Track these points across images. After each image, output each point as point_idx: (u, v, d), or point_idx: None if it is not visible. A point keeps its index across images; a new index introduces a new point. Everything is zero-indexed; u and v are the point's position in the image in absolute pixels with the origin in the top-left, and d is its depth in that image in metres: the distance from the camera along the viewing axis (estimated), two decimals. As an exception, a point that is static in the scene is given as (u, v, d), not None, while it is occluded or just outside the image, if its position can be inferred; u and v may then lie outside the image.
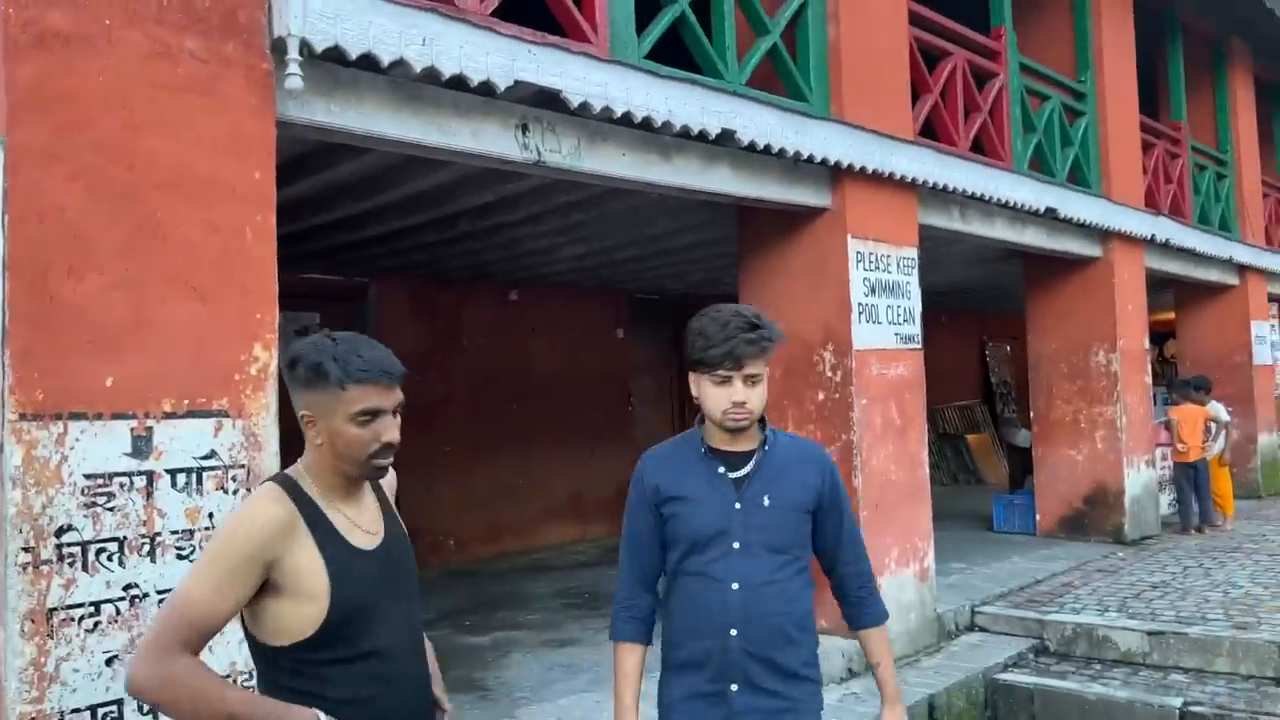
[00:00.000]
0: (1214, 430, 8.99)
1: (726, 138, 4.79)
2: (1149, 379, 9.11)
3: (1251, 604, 5.98)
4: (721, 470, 2.23)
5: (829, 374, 5.63)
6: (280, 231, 3.28)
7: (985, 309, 14.65)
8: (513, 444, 9.30)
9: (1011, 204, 6.91)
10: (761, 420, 2.27)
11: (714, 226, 6.69)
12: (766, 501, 2.21)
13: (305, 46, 3.19)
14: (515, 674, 5.18)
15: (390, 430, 1.84)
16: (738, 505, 2.20)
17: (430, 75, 3.61)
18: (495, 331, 9.33)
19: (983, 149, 7.01)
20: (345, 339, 1.84)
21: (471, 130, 3.94)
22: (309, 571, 1.76)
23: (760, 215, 5.76)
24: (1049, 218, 7.53)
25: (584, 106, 4.13)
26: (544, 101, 4.12)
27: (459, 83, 3.71)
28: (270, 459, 3.13)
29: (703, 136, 4.68)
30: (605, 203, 6.05)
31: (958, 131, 6.60)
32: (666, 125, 4.47)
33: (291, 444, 2.19)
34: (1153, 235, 8.99)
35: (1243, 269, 11.35)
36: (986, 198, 6.66)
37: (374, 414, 1.81)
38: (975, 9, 7.31)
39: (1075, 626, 5.81)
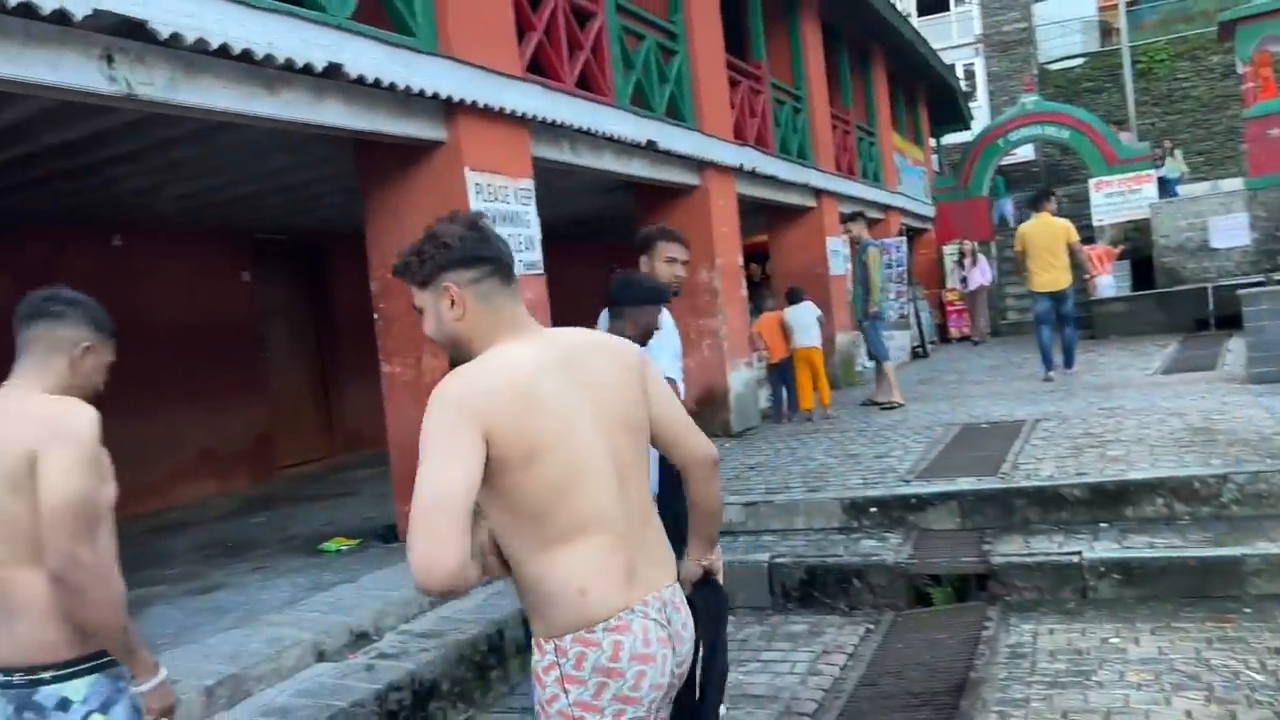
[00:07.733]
0: (789, 330, 10.15)
1: (334, 71, 4.83)
2: (745, 293, 10.34)
3: (823, 472, 7.17)
4: None
5: (457, 301, 5.90)
6: None
7: (610, 237, 15.60)
8: (130, 402, 8.57)
9: (616, 138, 7.53)
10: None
11: (335, 162, 6.65)
12: None
13: None
14: (156, 624, 5.04)
15: None
16: None
17: (-10, 0, 3.36)
18: (98, 282, 8.51)
19: (588, 85, 7.53)
20: None
21: (48, 61, 3.69)
22: None
23: (378, 149, 5.84)
24: (651, 150, 8.27)
25: (175, 38, 4.01)
26: (131, 31, 3.94)
27: (28, 10, 3.47)
28: None
29: (308, 70, 4.69)
30: (215, 137, 5.82)
31: (563, 68, 7.05)
32: (269, 58, 4.44)
33: None
34: (741, 165, 10.14)
35: (818, 192, 13.06)
36: (594, 132, 7.21)
37: None
38: (573, -49, 7.75)
39: (688, 509, 6.64)
